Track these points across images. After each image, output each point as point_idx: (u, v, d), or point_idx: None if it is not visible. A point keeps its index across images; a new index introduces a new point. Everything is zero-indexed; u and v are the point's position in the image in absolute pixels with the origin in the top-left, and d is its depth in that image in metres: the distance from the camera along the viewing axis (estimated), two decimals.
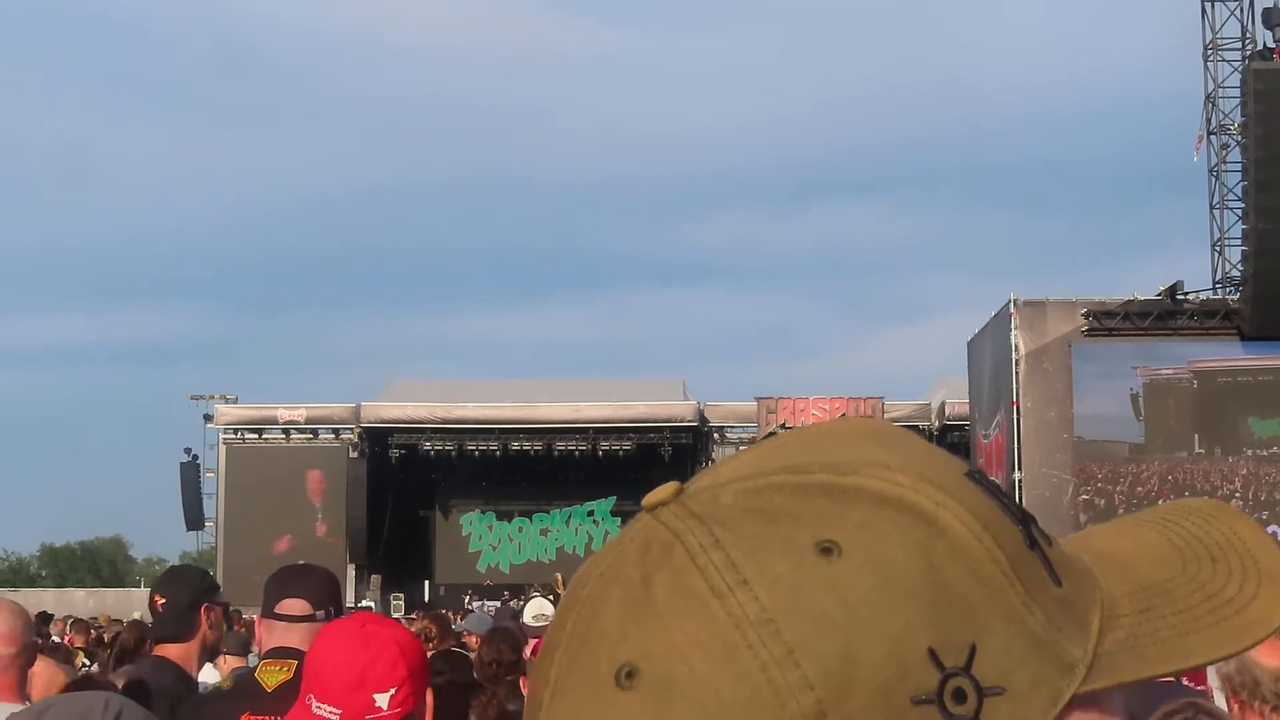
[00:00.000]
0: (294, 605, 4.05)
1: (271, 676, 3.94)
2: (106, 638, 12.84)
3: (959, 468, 0.78)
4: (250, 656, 8.62)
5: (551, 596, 15.63)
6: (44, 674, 5.25)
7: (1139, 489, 31.16)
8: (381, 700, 2.90)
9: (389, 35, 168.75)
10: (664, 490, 0.79)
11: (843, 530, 0.73)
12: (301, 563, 4.39)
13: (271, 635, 4.06)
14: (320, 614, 4.06)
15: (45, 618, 17.25)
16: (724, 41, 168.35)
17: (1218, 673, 4.45)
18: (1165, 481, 31.35)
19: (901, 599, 0.71)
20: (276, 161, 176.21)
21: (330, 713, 2.93)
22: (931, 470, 0.76)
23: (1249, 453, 31.72)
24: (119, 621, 17.52)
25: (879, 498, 0.74)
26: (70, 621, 17.64)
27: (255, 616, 4.71)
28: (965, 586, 0.72)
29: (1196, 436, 31.77)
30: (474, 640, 10.43)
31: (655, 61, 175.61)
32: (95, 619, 18.81)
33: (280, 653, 3.99)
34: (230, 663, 8.54)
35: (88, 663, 11.14)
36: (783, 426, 57.59)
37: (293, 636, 4.01)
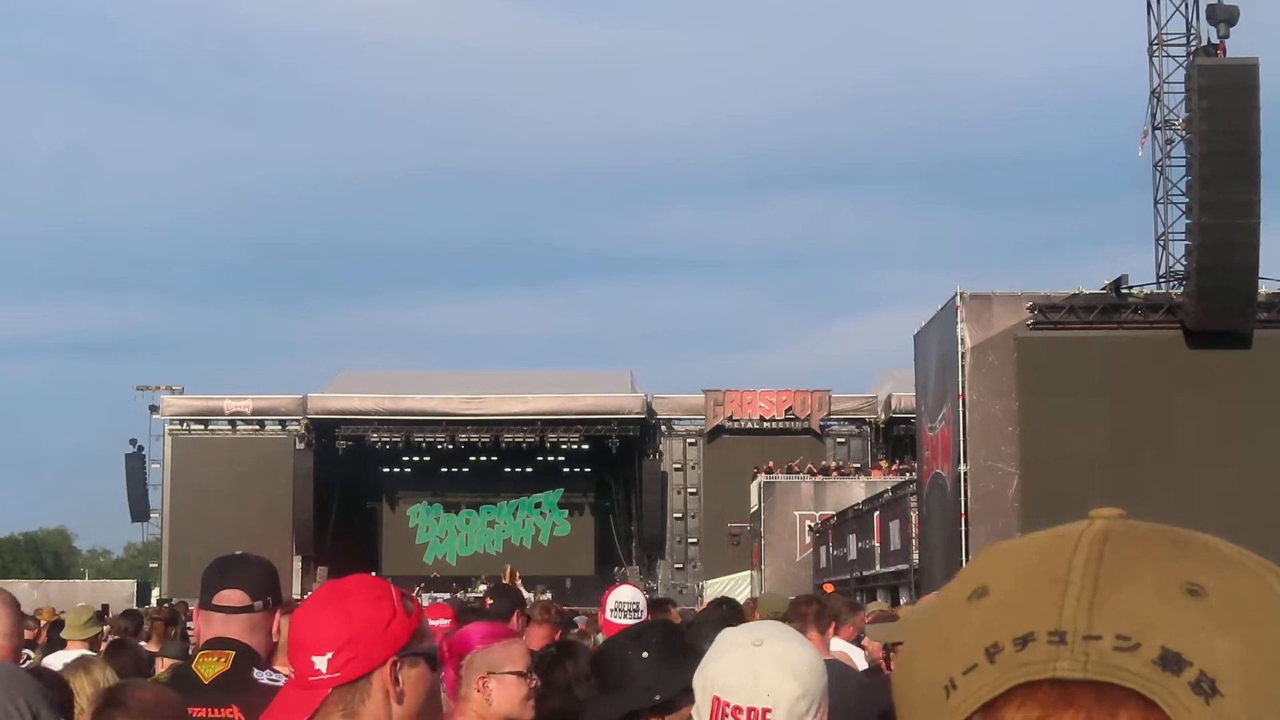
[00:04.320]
0: (231, 596, 4.01)
1: (209, 668, 3.91)
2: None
3: None
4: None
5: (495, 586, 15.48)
6: None
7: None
8: (319, 663, 2.80)
9: (350, 31, 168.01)
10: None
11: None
12: (239, 552, 4.32)
13: (210, 626, 4.02)
14: (258, 604, 4.01)
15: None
16: (677, 36, 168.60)
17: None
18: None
19: None
20: (224, 155, 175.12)
21: (290, 674, 2.91)
22: None
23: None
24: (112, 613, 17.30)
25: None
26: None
27: (195, 607, 4.67)
28: None
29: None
30: None
31: (609, 55, 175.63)
32: (37, 611, 18.60)
33: (217, 643, 3.95)
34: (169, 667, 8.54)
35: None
36: (730, 419, 57.67)
37: (231, 628, 3.97)
